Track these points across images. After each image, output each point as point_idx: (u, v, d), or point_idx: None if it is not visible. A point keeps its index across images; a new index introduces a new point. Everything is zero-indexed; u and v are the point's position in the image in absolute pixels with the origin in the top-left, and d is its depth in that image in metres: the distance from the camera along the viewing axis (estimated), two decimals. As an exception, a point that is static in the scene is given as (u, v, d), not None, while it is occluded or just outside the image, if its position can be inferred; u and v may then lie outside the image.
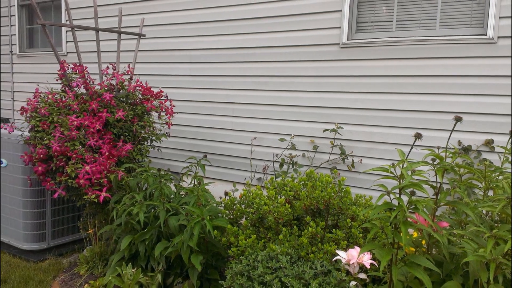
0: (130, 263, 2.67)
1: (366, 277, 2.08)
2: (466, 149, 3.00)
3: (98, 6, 4.60)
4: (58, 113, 3.03)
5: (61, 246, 3.57)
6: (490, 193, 2.67)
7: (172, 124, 3.98)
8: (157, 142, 3.56)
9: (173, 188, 3.43)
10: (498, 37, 2.88)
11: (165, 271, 2.72)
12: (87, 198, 2.83)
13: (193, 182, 3.07)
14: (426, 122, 3.16)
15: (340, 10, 3.40)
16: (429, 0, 3.15)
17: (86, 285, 2.81)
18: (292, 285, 1.99)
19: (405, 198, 1.88)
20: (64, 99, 3.11)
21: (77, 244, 3.62)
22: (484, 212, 2.38)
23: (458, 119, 1.99)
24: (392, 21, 3.29)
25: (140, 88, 3.37)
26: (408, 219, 1.88)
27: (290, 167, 3.62)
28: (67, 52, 5.16)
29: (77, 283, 2.95)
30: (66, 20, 5.10)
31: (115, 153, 2.98)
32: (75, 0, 4.96)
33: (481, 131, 2.98)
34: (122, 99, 3.34)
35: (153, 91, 3.42)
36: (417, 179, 2.06)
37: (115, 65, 3.51)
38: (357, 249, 2.06)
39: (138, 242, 2.70)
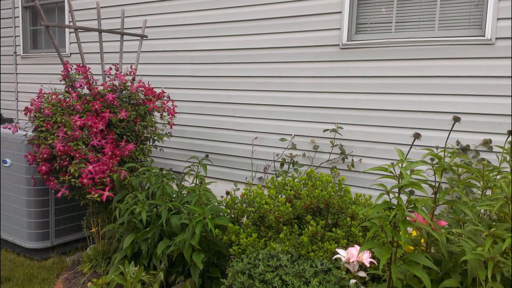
0: (132, 262, 2.69)
1: (365, 275, 2.10)
2: (465, 149, 3.03)
3: (101, 7, 4.64)
4: (62, 113, 3.06)
5: (65, 245, 3.60)
6: (488, 192, 2.69)
7: (174, 124, 4.01)
8: (159, 142, 3.59)
9: (175, 187, 3.46)
10: (496, 38, 2.91)
11: (167, 269, 2.75)
12: (90, 197, 2.86)
13: (195, 182, 3.10)
14: (425, 122, 3.18)
15: (340, 12, 3.43)
16: (428, 1, 3.18)
17: (89, 283, 2.84)
18: (292, 283, 2.01)
19: (404, 197, 1.90)
20: (67, 99, 3.15)
21: (80, 242, 3.65)
22: (482, 211, 2.40)
23: (456, 119, 2.01)
24: (391, 22, 3.32)
25: (143, 88, 3.40)
26: (407, 218, 1.90)
27: (291, 166, 3.65)
28: (71, 53, 5.20)
29: (80, 281, 2.98)
30: (70, 22, 5.14)
31: (117, 153, 3.01)
32: (78, 1, 5.00)
33: (479, 131, 3.01)
34: (124, 99, 3.38)
35: (155, 92, 3.45)
36: (416, 179, 2.08)
37: (118, 66, 3.54)
38: (357, 247, 2.08)
39: (140, 241, 2.73)
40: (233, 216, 2.78)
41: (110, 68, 3.53)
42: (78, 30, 3.41)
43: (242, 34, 3.92)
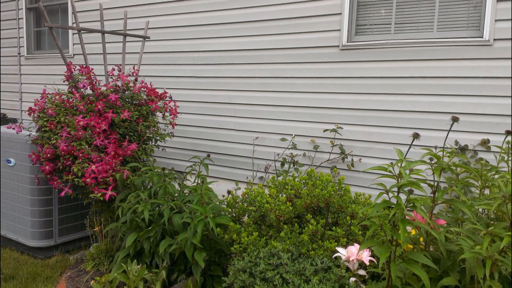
0: (135, 260, 2.71)
1: (365, 274, 2.12)
2: (463, 149, 3.05)
3: (104, 9, 4.67)
4: (65, 114, 3.10)
5: (68, 243, 3.63)
6: (486, 191, 2.72)
7: (176, 124, 4.05)
8: (161, 141, 3.62)
9: (177, 186, 3.49)
10: (494, 39, 2.93)
11: (169, 267, 2.77)
12: (93, 196, 2.89)
13: (196, 181, 3.13)
14: (423, 122, 3.21)
15: (340, 13, 3.46)
16: (427, 3, 3.21)
17: (92, 281, 2.86)
18: (293, 281, 2.03)
19: (403, 197, 1.92)
20: (70, 100, 3.18)
21: (83, 241, 3.68)
22: (480, 210, 2.43)
23: (455, 119, 2.02)
24: (390, 23, 3.35)
25: (145, 89, 3.43)
26: (406, 217, 1.92)
27: (291, 166, 3.68)
28: (74, 54, 5.23)
29: (83, 279, 3.01)
30: (73, 23, 5.18)
31: (120, 152, 3.04)
32: (82, 3, 5.04)
33: (478, 131, 3.03)
34: (127, 100, 3.41)
35: (158, 92, 3.49)
36: (415, 178, 2.10)
37: (121, 67, 3.58)
38: (357, 246, 2.10)
39: (143, 240, 2.75)
40: (234, 215, 2.81)
41: (113, 69, 3.56)
42: (81, 32, 3.44)
43: (243, 35, 3.95)
